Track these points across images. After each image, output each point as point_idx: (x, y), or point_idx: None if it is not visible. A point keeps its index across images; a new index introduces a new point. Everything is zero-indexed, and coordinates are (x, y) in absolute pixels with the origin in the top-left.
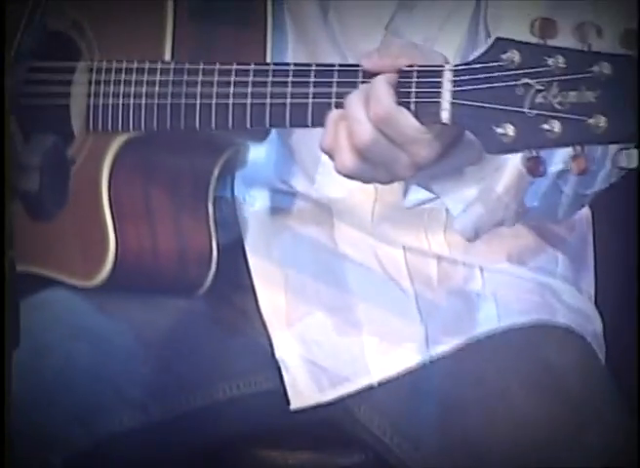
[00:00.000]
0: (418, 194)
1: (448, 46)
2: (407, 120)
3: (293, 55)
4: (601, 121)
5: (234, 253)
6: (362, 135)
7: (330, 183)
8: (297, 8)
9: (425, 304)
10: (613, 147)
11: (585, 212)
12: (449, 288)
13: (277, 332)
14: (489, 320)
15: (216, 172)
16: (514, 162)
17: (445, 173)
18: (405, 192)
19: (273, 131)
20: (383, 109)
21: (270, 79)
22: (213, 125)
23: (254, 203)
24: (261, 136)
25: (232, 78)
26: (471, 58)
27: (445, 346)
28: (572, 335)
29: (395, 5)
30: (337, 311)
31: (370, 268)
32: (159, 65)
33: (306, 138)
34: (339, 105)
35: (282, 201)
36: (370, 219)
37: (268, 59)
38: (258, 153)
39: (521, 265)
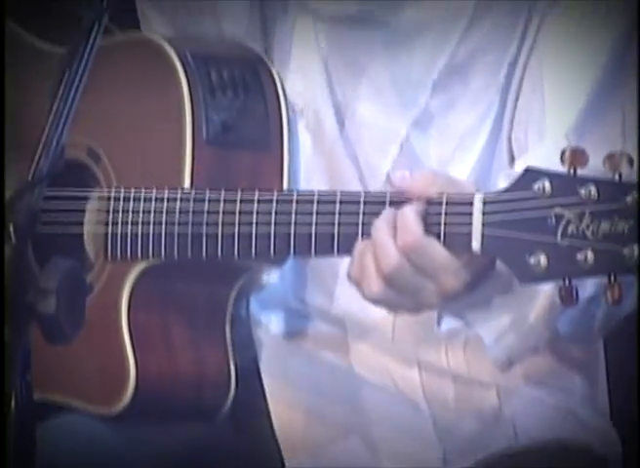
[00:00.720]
0: (451, 323)
1: (462, 167)
2: (435, 250)
3: (309, 168)
4: (635, 251)
5: (249, 375)
6: (389, 262)
7: (349, 299)
8: (314, 121)
9: (443, 426)
10: None
11: None
12: (466, 409)
13: (292, 457)
14: (507, 439)
15: (233, 296)
16: (546, 290)
17: (476, 302)
18: (438, 320)
19: None
20: (412, 239)
21: (294, 208)
22: (235, 254)
23: (269, 324)
24: (280, 260)
25: (255, 206)
26: (502, 187)
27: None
28: (591, 455)
29: (410, 124)
30: (353, 433)
31: (386, 390)
32: (179, 194)
33: None
34: (365, 233)
35: (297, 322)
36: (390, 336)
37: (285, 182)
38: (273, 272)
39: (539, 386)
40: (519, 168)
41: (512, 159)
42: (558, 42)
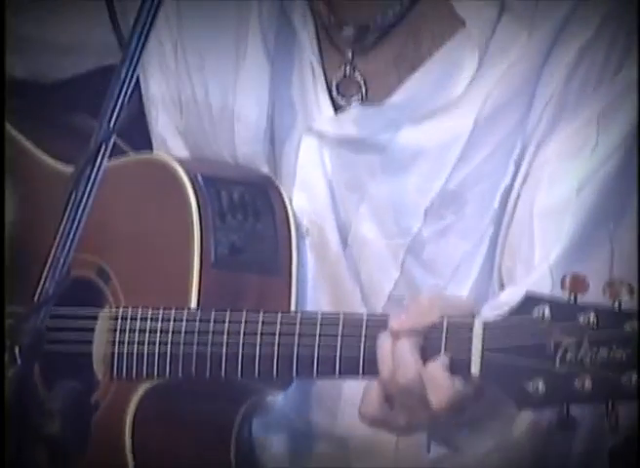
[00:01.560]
0: (440, 449)
1: (461, 282)
2: (434, 377)
3: (313, 290)
4: (633, 378)
5: None
6: (390, 389)
7: (352, 419)
8: (319, 239)
9: None
10: None
11: None
12: None
13: None
14: None
15: (238, 419)
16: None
17: (464, 425)
18: (427, 446)
19: None
20: (411, 376)
21: (298, 329)
22: (239, 374)
23: (272, 446)
24: (285, 384)
25: (259, 327)
26: (502, 306)
27: None
28: None
29: (405, 250)
30: None
31: None
32: (185, 314)
33: None
34: (367, 355)
35: (300, 443)
36: (393, 458)
37: (293, 305)
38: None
39: None
40: (505, 297)
41: (502, 287)
42: (552, 171)
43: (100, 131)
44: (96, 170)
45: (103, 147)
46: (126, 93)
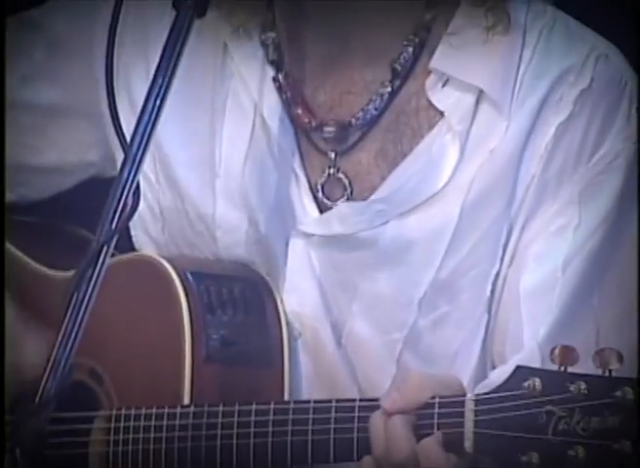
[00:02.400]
0: None
1: (461, 371)
2: (429, 452)
3: (308, 390)
4: (626, 446)
5: None
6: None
7: None
8: (312, 341)
9: None
10: None
11: None
12: None
13: None
14: None
15: None
16: None
17: None
18: None
19: None
20: (405, 452)
21: (291, 417)
22: (234, 465)
23: None
24: None
25: (252, 418)
26: (493, 386)
27: None
28: None
29: (401, 343)
30: None
31: None
32: (178, 410)
33: None
34: (360, 438)
35: None
36: None
37: (286, 396)
38: None
39: None
40: (494, 376)
41: (492, 368)
42: (537, 251)
43: (101, 232)
44: (97, 271)
45: (105, 248)
46: (127, 194)
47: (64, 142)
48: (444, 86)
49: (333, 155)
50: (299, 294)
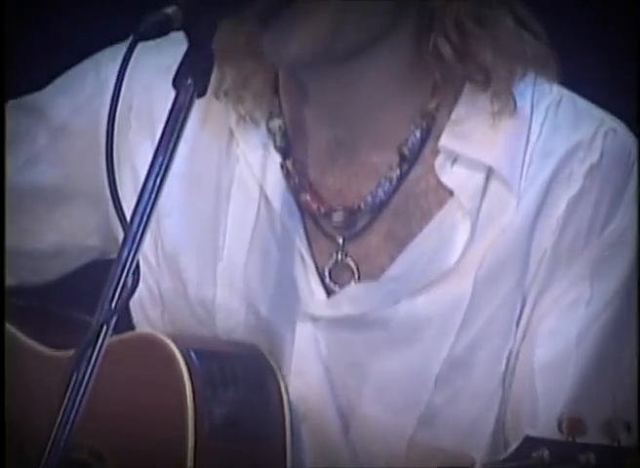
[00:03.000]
0: None
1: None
2: None
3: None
4: None
5: None
6: None
7: None
8: (318, 426)
9: None
10: None
11: None
12: None
13: None
14: None
15: None
16: None
17: None
18: None
19: None
20: None
21: None
22: None
23: None
24: None
25: None
26: (502, 456)
27: None
28: None
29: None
30: None
31: None
32: None
33: None
34: None
35: None
36: None
37: None
38: None
39: None
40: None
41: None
42: (550, 326)
43: (101, 312)
44: (97, 351)
45: (105, 328)
46: (127, 274)
47: (65, 227)
48: (453, 165)
49: (341, 240)
50: (305, 378)
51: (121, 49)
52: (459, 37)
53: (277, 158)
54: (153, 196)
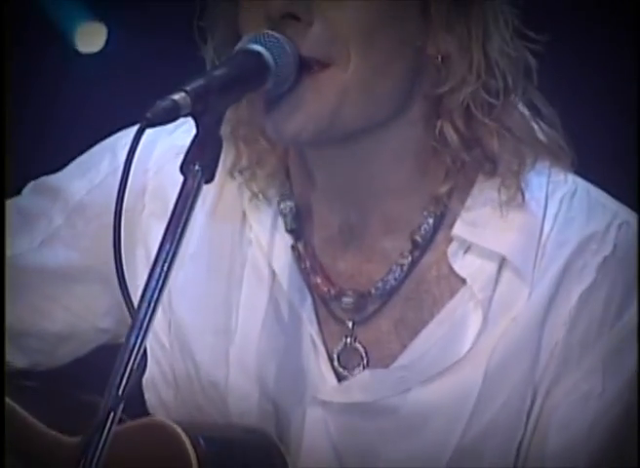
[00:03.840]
0: None
1: None
2: None
3: None
4: None
5: None
6: None
7: None
8: None
9: None
10: None
11: None
12: None
13: None
14: None
15: None
16: None
17: None
18: None
19: None
20: None
21: None
22: None
23: None
24: None
25: None
26: None
27: None
28: None
29: None
30: None
31: None
32: None
33: None
34: None
35: None
36: None
37: None
38: None
39: None
40: None
41: None
42: (562, 417)
43: (108, 398)
44: (104, 437)
45: (112, 415)
46: (135, 360)
47: (77, 308)
48: (466, 253)
49: (351, 324)
50: (315, 462)
51: None
52: (465, 124)
53: (289, 240)
54: (160, 283)
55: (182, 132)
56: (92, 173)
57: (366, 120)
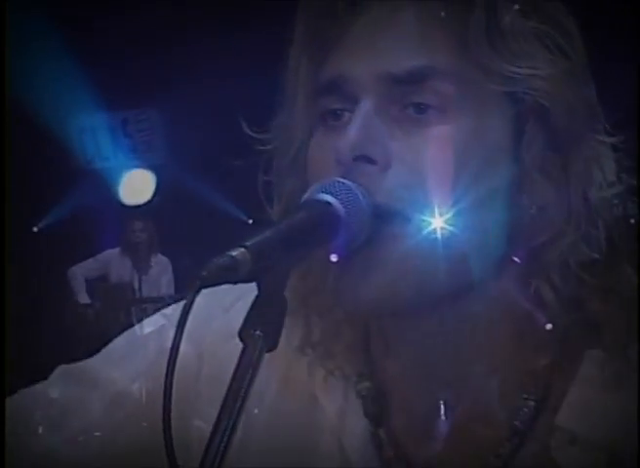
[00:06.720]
0: None
1: None
2: None
3: None
4: None
5: None
6: None
7: None
8: None
9: None
10: None
11: None
12: None
13: None
14: None
15: None
16: None
17: None
18: None
19: None
20: None
21: None
22: None
23: None
24: None
25: None
26: None
27: None
28: None
29: None
30: None
31: None
32: None
33: None
34: None
35: None
36: None
37: None
38: None
39: None
40: None
41: None
42: None
43: None
44: None
45: None
46: None
47: None
48: (571, 445)
49: None
50: None
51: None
52: (562, 282)
53: (368, 426)
54: (217, 464)
55: (239, 310)
56: (135, 358)
57: (457, 280)
